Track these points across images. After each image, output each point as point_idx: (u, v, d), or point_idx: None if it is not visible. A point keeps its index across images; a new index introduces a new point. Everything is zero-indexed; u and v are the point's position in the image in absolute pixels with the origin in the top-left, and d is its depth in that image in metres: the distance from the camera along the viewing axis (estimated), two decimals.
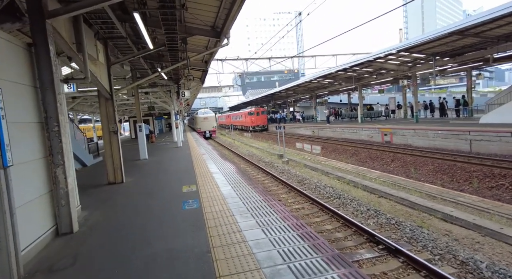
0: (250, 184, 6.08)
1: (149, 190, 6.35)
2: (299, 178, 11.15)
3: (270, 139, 30.86)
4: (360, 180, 10.81)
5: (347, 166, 13.89)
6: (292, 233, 3.37)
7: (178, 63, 8.34)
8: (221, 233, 3.53)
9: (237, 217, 4.06)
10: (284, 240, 3.22)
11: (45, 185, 3.83)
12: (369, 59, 18.77)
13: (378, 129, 19.20)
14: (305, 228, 3.51)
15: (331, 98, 43.11)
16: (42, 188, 3.78)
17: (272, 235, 3.35)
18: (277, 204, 4.54)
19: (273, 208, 4.32)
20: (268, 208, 4.34)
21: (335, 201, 8.24)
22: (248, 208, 4.42)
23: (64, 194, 3.94)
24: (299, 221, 3.76)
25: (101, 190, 6.73)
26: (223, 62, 22.71)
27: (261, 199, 4.85)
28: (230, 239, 3.32)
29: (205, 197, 5.27)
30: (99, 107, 7.17)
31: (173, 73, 11.49)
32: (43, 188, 3.79)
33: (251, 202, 4.73)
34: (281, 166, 13.82)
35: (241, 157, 17.19)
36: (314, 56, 24.91)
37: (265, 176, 12.12)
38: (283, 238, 3.27)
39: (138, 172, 9.06)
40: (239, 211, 4.29)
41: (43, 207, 3.77)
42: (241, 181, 6.52)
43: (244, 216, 4.05)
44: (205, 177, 7.28)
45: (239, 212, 4.27)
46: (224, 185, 6.22)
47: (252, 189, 5.68)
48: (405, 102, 26.65)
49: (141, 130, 11.81)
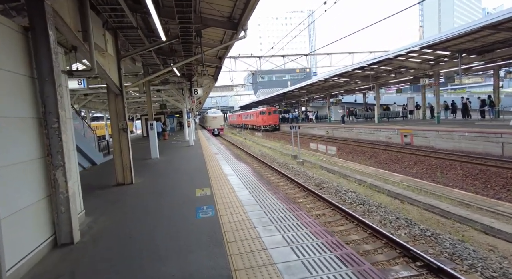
0: (270, 189, 5.52)
1: (159, 193, 5.87)
2: (317, 181, 10.52)
3: (282, 139, 30.25)
4: (381, 184, 10.12)
5: (366, 168, 13.16)
6: (329, 255, 2.80)
7: (192, 57, 7.85)
8: (242, 251, 2.98)
9: (260, 230, 3.51)
10: (321, 263, 2.65)
11: (43, 190, 3.37)
12: (388, 56, 17.93)
13: (398, 130, 18.33)
14: (344, 248, 2.93)
15: (345, 97, 42.10)
16: (39, 193, 3.32)
17: (305, 256, 2.79)
18: (304, 215, 3.96)
19: (300, 220, 3.75)
20: (294, 220, 3.77)
21: (359, 207, 7.60)
22: (271, 219, 3.86)
23: (64, 200, 3.47)
24: (334, 238, 3.18)
25: (109, 192, 6.29)
26: (236, 60, 22.20)
27: (284, 208, 4.28)
28: (255, 260, 2.77)
29: (221, 203, 4.74)
30: (108, 103, 6.74)
31: (185, 69, 11.03)
32: (40, 193, 3.32)
33: (274, 211, 4.17)
34: (296, 168, 13.21)
35: (253, 157, 16.66)
36: (330, 54, 24.14)
37: (280, 178, 11.55)
38: (318, 261, 2.70)
39: (148, 172, 8.62)
40: (261, 223, 3.74)
41: (40, 214, 3.31)
42: (259, 185, 5.97)
43: (268, 230, 3.50)
44: (219, 179, 6.76)
45: (261, 223, 3.72)
46: (241, 189, 5.68)
47: (273, 194, 5.11)
48: (424, 102, 25.55)
49: (153, 128, 11.39)
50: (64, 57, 4.26)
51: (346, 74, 24.14)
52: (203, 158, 10.84)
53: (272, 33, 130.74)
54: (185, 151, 13.61)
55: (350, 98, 42.18)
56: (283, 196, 5.00)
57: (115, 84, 6.35)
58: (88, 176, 8.63)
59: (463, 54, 14.86)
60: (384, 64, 19.84)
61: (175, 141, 20.18)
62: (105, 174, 8.49)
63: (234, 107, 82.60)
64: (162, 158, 11.67)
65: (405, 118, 27.25)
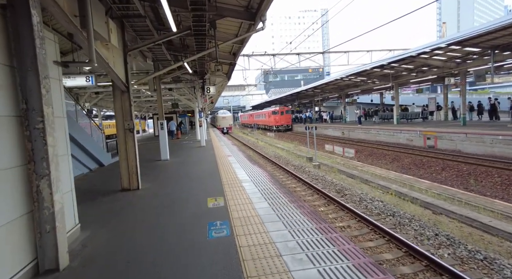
0: (292, 201, 4.79)
1: (167, 201, 5.23)
2: (338, 187, 9.73)
3: (295, 140, 29.45)
4: (408, 191, 9.25)
5: (389, 173, 12.25)
6: None
7: (205, 51, 7.20)
8: None
9: (287, 259, 2.80)
10: None
11: (23, 204, 2.75)
12: (411, 54, 16.88)
13: (420, 132, 17.27)
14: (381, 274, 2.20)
15: (361, 97, 40.87)
16: (18, 208, 2.70)
17: None
18: (341, 238, 3.23)
19: (337, 246, 3.02)
20: (330, 246, 3.04)
21: (389, 219, 6.79)
22: (300, 243, 3.14)
23: (49, 216, 2.85)
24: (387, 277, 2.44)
25: (113, 198, 5.70)
26: (249, 58, 21.52)
27: (313, 228, 3.56)
28: None
29: (237, 217, 4.05)
30: (113, 101, 6.16)
31: (198, 66, 10.42)
32: (19, 209, 2.71)
33: (301, 232, 3.45)
34: (313, 171, 12.43)
35: (267, 159, 15.94)
36: (347, 52, 23.16)
37: (297, 182, 10.81)
38: None
39: (157, 175, 8.03)
40: (288, 248, 3.02)
41: (19, 235, 2.69)
42: (278, 195, 5.25)
43: (298, 259, 2.78)
44: (233, 185, 6.08)
45: (288, 249, 3.00)
46: (258, 199, 4.98)
47: (296, 208, 4.38)
48: (445, 103, 24.26)
49: (163, 128, 10.83)
50: (56, 45, 3.65)
51: (364, 73, 23.13)
52: (215, 160, 10.20)
53: (285, 32, 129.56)
54: (196, 152, 13.02)
55: (366, 98, 40.93)
56: (309, 210, 4.26)
57: (121, 80, 5.75)
58: (92, 179, 8.11)
59: (496, 50, 13.73)
60: (406, 62, 18.77)
61: (187, 141, 19.68)
62: (111, 177, 7.94)
63: (246, 107, 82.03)
64: (172, 159, 11.10)
65: (425, 120, 25.98)
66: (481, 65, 15.88)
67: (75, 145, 8.10)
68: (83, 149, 8.55)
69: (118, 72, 5.59)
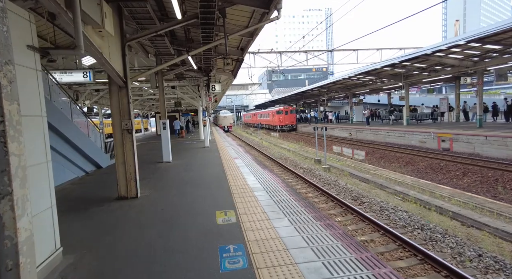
0: (317, 218, 4.04)
1: (168, 215, 4.51)
2: (353, 193, 8.99)
3: (300, 140, 28.69)
4: (428, 198, 8.50)
5: (404, 177, 11.47)
6: None
7: (212, 43, 6.46)
8: None
9: None
10: None
11: None
12: (426, 52, 16.08)
13: (434, 134, 16.47)
14: None
15: (367, 97, 40.04)
16: None
17: None
18: (393, 276, 2.50)
19: None
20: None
21: (417, 233, 6.03)
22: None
23: (11, 249, 2.12)
24: None
25: (107, 209, 4.99)
26: (255, 55, 20.76)
27: (353, 259, 2.82)
28: None
29: (254, 240, 3.33)
30: (110, 97, 5.45)
31: (203, 62, 9.70)
32: None
33: (340, 266, 2.71)
34: (324, 175, 11.69)
35: (273, 161, 15.22)
36: (356, 50, 22.35)
37: (307, 187, 10.08)
38: None
39: (158, 181, 7.31)
40: None
41: None
42: (298, 208, 4.51)
43: None
44: (244, 195, 5.36)
45: None
46: (276, 213, 4.24)
47: (325, 228, 3.64)
48: (458, 104, 23.39)
49: (165, 128, 10.12)
50: (33, 27, 2.92)
51: (373, 71, 22.34)
52: (221, 163, 9.48)
53: (288, 31, 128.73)
54: (200, 154, 12.30)
55: (373, 98, 40.11)
56: (341, 232, 3.51)
57: (118, 74, 5.03)
58: (88, 183, 7.40)
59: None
60: (419, 60, 17.97)
61: (190, 141, 18.98)
62: (109, 181, 7.23)
63: (249, 106, 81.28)
64: (175, 161, 10.40)
65: (435, 121, 25.11)
66: (501, 63, 15.06)
67: (69, 146, 7.41)
68: (78, 150, 7.86)
69: (114, 64, 4.88)
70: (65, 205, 5.36)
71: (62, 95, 7.42)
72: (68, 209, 4.99)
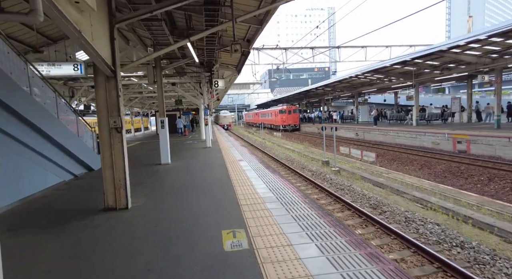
0: (353, 243, 3.15)
1: (164, 234, 3.63)
2: (371, 200, 8.10)
3: (304, 141, 27.80)
4: (453, 206, 7.63)
5: (421, 182, 10.57)
6: None
7: (217, 26, 5.57)
8: None
9: None
10: None
11: None
12: (441, 48, 15.17)
13: (449, 135, 15.55)
14: None
15: (372, 97, 39.11)
16: None
17: None
18: None
19: None
20: None
21: (456, 252, 5.13)
22: None
23: None
24: None
25: (90, 224, 4.10)
26: (259, 52, 19.86)
27: None
28: None
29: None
30: (95, 89, 4.58)
31: (206, 54, 8.80)
32: None
33: None
34: (335, 178, 10.80)
35: (279, 162, 14.33)
36: (365, 47, 21.44)
37: (319, 192, 9.21)
38: None
39: (154, 186, 6.43)
40: None
41: None
42: (326, 229, 3.61)
43: None
44: (255, 207, 4.47)
45: None
46: (299, 236, 3.34)
47: (368, 260, 2.76)
48: (470, 104, 22.46)
49: (164, 127, 9.25)
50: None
51: (382, 69, 21.44)
52: (224, 165, 8.60)
53: (291, 31, 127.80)
54: (202, 155, 11.42)
55: (378, 98, 39.18)
56: (393, 268, 2.62)
57: (104, 60, 4.15)
58: (74, 189, 6.50)
59: None
60: (433, 58, 17.03)
61: (190, 141, 18.11)
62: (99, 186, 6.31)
63: (251, 105, 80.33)
64: (174, 163, 9.52)
65: (445, 121, 24.16)
66: None
67: (54, 147, 6.53)
68: (65, 151, 6.98)
69: (100, 48, 3.99)
70: (41, 217, 4.49)
71: (47, 88, 6.53)
72: (43, 226, 4.12)
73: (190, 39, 5.72)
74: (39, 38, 10.31)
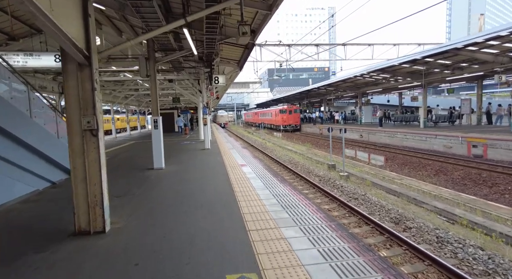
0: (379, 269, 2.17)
1: (149, 276, 2.63)
2: (392, 213, 7.14)
3: (306, 142, 26.86)
4: (484, 220, 6.70)
5: (439, 190, 9.62)
6: None
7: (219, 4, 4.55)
8: None
9: None
10: None
11: None
12: (456, 46, 14.23)
13: (463, 139, 14.62)
14: None
15: (375, 98, 38.19)
16: None
17: None
18: None
19: None
20: None
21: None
22: None
23: None
24: None
25: (48, 260, 3.07)
26: (261, 48, 18.83)
27: None
28: None
29: None
30: (63, 80, 3.56)
31: (205, 44, 7.77)
32: None
33: None
34: (346, 186, 9.83)
35: (282, 166, 13.34)
36: (372, 45, 20.44)
37: (330, 201, 8.24)
38: None
39: (141, 200, 5.41)
40: None
41: None
42: (354, 258, 2.65)
43: None
44: (268, 235, 3.47)
45: None
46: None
47: None
48: (480, 105, 21.57)
49: (157, 127, 8.23)
50: None
51: (389, 69, 20.51)
52: (226, 173, 7.59)
53: (291, 30, 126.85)
54: (200, 158, 10.40)
55: (381, 98, 38.24)
56: None
57: (73, 43, 3.14)
58: (46, 201, 5.44)
59: None
60: (446, 56, 16.10)
61: (188, 141, 17.07)
62: None
63: (250, 105, 79.27)
64: (169, 167, 8.49)
65: (453, 123, 23.26)
66: None
67: (26, 151, 5.51)
68: (40, 155, 5.95)
69: (66, 26, 2.98)
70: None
71: (17, 81, 5.49)
72: None
73: (186, 19, 4.70)
74: (22, 27, 9.27)
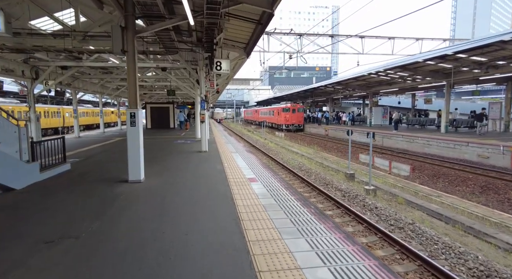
0: None
1: None
2: (464, 256, 4.96)
3: (312, 143, 24.72)
4: None
5: (497, 215, 7.47)
6: None
7: None
8: None
9: None
10: None
11: None
12: (503, 38, 12.04)
13: (505, 148, 12.48)
14: None
15: (383, 99, 36.06)
16: None
17: None
18: None
19: None
20: None
21: None
22: None
23: None
24: None
25: None
26: (269, 36, 16.59)
27: None
28: None
29: None
30: None
31: (206, 12, 5.53)
32: None
33: None
34: (380, 206, 7.63)
35: (290, 172, 11.10)
36: (392, 38, 18.28)
37: (365, 230, 6.07)
38: None
39: (92, 250, 3.16)
40: None
41: None
42: None
43: None
44: None
45: None
46: None
47: None
48: (509, 110, 19.50)
49: (135, 123, 5.94)
50: None
51: (411, 66, 18.27)
52: (229, 190, 5.35)
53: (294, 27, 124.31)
54: (194, 166, 8.12)
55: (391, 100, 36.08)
56: None
57: None
58: None
59: None
60: (486, 51, 13.92)
61: (183, 140, 14.79)
62: (6, 232, 3.06)
63: (250, 102, 76.95)
64: (149, 180, 6.23)
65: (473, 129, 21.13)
66: None
67: None
68: None
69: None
70: None
71: None
72: None
73: None
74: None
